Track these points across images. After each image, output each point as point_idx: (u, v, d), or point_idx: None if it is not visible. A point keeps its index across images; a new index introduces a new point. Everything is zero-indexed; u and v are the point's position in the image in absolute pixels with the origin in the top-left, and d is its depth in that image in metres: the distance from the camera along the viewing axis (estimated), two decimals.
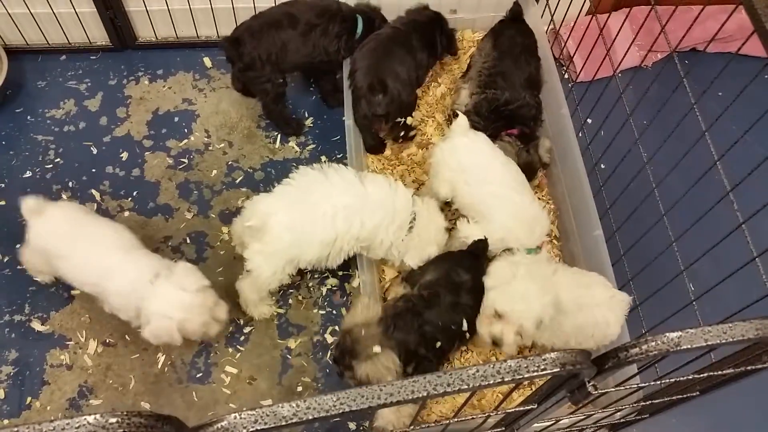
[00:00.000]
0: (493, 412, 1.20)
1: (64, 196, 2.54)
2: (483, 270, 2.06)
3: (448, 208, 2.44)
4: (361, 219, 2.05)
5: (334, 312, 2.37)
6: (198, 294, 1.95)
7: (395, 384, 0.88)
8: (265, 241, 2.02)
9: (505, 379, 0.91)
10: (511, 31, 2.56)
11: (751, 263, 1.57)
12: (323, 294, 2.41)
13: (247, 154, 2.71)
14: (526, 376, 0.90)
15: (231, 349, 2.27)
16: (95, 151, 2.68)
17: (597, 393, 1.10)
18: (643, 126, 2.09)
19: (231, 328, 2.31)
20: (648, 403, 1.62)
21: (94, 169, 2.63)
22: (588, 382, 1.07)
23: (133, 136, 2.73)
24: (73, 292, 2.35)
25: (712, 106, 1.84)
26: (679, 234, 1.88)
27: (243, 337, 2.30)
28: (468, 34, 2.93)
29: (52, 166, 2.63)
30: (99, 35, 2.90)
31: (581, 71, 2.76)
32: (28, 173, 2.60)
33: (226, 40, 2.43)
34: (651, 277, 2.00)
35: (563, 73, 2.98)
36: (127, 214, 2.53)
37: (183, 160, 2.67)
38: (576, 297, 1.97)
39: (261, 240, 2.02)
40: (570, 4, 2.72)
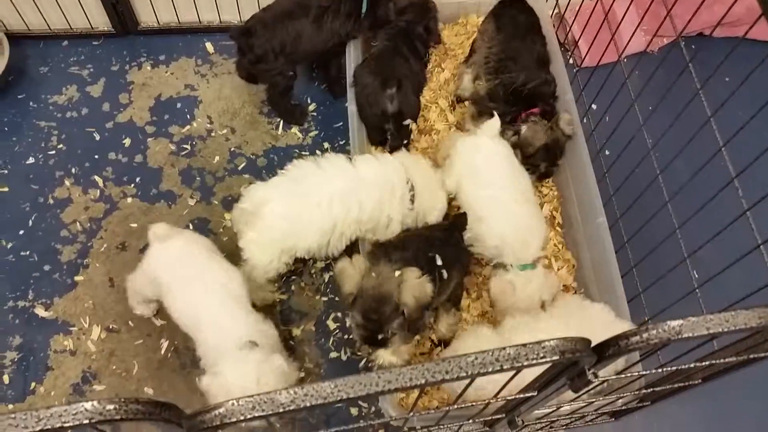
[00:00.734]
0: (493, 399, 1.20)
1: (67, 183, 2.55)
2: (459, 238, 2.13)
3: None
4: (359, 201, 2.04)
5: (336, 298, 2.37)
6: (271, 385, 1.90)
7: (393, 371, 0.88)
8: (259, 230, 2.02)
9: (504, 367, 0.90)
10: (513, 11, 2.53)
11: (756, 250, 1.56)
12: (326, 281, 2.41)
13: (249, 140, 2.70)
14: (525, 363, 0.90)
15: None
16: (98, 137, 2.67)
17: (597, 381, 1.09)
18: (648, 112, 2.07)
19: None
20: (650, 390, 1.62)
21: (96, 156, 2.62)
22: (588, 369, 1.07)
23: (135, 122, 2.72)
24: (76, 278, 2.36)
25: (720, 91, 1.81)
26: (683, 221, 1.87)
27: None
28: (473, 19, 2.90)
29: (54, 152, 2.62)
30: (101, 21, 2.88)
31: (586, 56, 2.73)
32: (31, 159, 2.60)
33: (236, 31, 2.40)
34: (654, 264, 1.99)
35: (568, 57, 2.96)
36: (129, 200, 2.53)
37: (185, 146, 2.67)
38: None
39: (255, 228, 2.02)
40: None
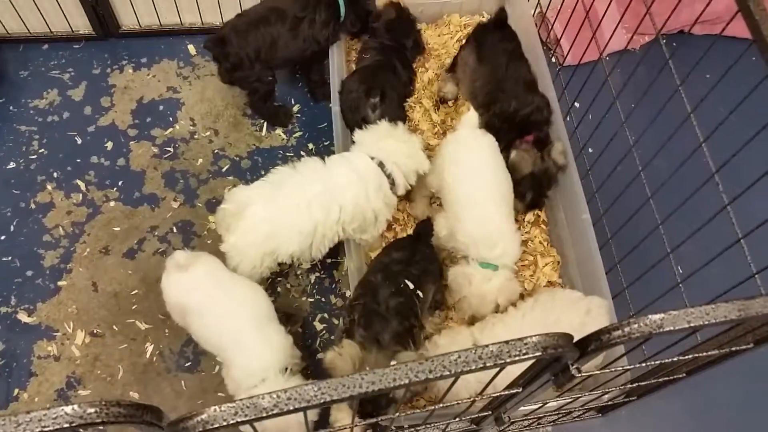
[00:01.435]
0: (478, 397, 1.20)
1: (49, 187, 2.52)
2: (426, 244, 2.11)
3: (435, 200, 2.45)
4: (339, 203, 2.04)
5: (323, 299, 2.37)
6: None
7: (377, 372, 0.87)
8: (241, 233, 2.00)
9: (487, 364, 0.90)
10: (494, 38, 2.46)
11: (737, 245, 1.57)
12: (312, 282, 2.40)
13: (233, 142, 2.68)
14: (507, 360, 0.90)
15: None
16: (79, 141, 2.65)
17: (580, 376, 1.10)
18: (630, 109, 2.08)
19: None
20: (635, 385, 1.63)
21: (78, 159, 2.60)
22: (571, 365, 1.07)
23: (117, 125, 2.70)
24: (59, 283, 2.34)
25: (701, 88, 1.83)
26: (666, 216, 1.88)
27: None
28: (455, 19, 2.90)
29: (36, 156, 2.60)
30: (81, 24, 2.86)
31: (568, 54, 2.75)
32: (12, 164, 2.57)
33: (211, 41, 2.38)
34: (638, 260, 2.00)
35: (550, 56, 2.97)
36: (112, 204, 2.51)
37: (168, 149, 2.65)
38: None
39: (236, 231, 2.00)
40: None
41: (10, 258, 2.38)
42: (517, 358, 0.90)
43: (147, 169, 2.60)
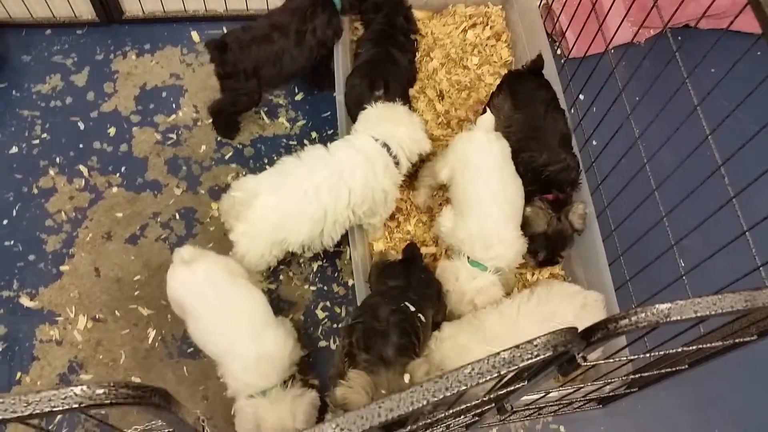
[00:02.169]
0: (485, 397, 1.21)
1: (52, 172, 2.52)
2: (419, 268, 2.07)
3: (442, 191, 2.45)
4: (348, 186, 2.04)
5: (325, 288, 2.37)
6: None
7: (393, 398, 0.85)
8: (250, 222, 2.01)
9: (502, 372, 0.90)
10: (530, 85, 2.35)
11: (741, 237, 1.57)
12: (314, 270, 2.40)
13: None
14: (521, 365, 0.90)
15: None
16: (82, 126, 2.64)
17: (586, 365, 1.10)
18: (634, 102, 2.08)
19: None
20: (637, 376, 1.64)
21: (81, 145, 2.60)
22: (577, 354, 1.07)
23: (120, 111, 2.69)
24: (61, 268, 2.34)
25: (706, 82, 1.84)
26: (670, 209, 1.89)
27: None
28: (461, 9, 2.89)
29: (38, 141, 2.59)
30: (85, 10, 2.84)
31: (573, 47, 2.74)
32: (15, 149, 2.56)
33: (212, 44, 2.34)
34: (641, 252, 2.00)
35: (555, 48, 2.96)
36: (115, 189, 2.50)
37: (171, 135, 2.64)
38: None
39: (246, 220, 2.00)
40: None
41: (12, 242, 2.38)
42: (529, 361, 0.90)
43: (150, 155, 2.59)
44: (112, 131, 2.63)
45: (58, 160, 2.55)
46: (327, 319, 2.32)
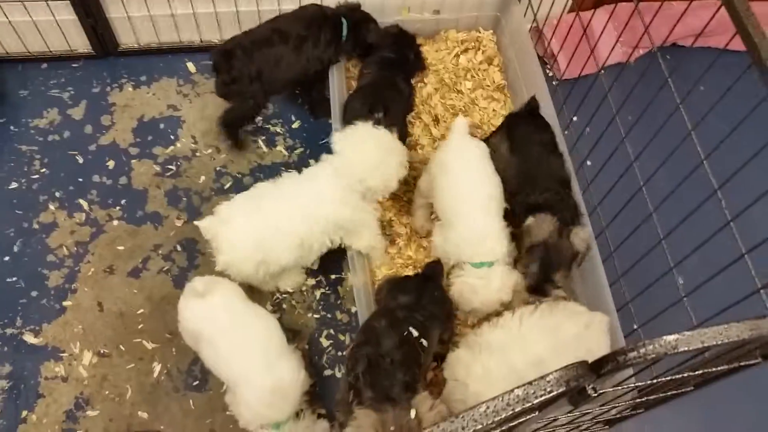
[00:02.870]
0: (497, 430, 1.22)
1: (52, 207, 2.52)
2: (436, 286, 2.09)
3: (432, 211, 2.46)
4: (324, 215, 2.09)
5: (328, 316, 2.38)
6: None
7: None
8: (228, 250, 2.06)
9: (516, 410, 0.92)
10: (528, 128, 2.33)
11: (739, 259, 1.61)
12: (317, 298, 2.41)
13: (234, 159, 2.70)
14: (535, 402, 0.92)
15: None
16: (81, 160, 2.65)
17: (596, 395, 1.12)
18: (627, 122, 2.12)
19: None
20: (643, 399, 1.66)
21: (80, 179, 2.61)
22: (588, 386, 1.09)
23: (119, 143, 2.70)
24: (64, 303, 2.34)
25: (694, 100, 1.88)
26: (667, 229, 1.92)
27: None
28: (452, 34, 2.94)
29: (38, 176, 2.60)
30: (80, 43, 2.87)
31: (566, 69, 2.79)
32: (14, 184, 2.57)
33: (217, 51, 2.40)
34: (641, 273, 2.03)
35: (547, 71, 3.01)
36: (116, 223, 2.51)
37: (170, 167, 2.66)
38: (551, 345, 1.92)
39: (224, 250, 2.06)
40: (553, 2, 2.73)
41: (15, 279, 2.37)
42: (543, 397, 0.92)
43: (149, 187, 2.61)
44: (111, 164, 2.65)
45: (57, 194, 2.56)
46: (331, 347, 2.33)
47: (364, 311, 2.14)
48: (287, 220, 2.06)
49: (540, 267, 2.09)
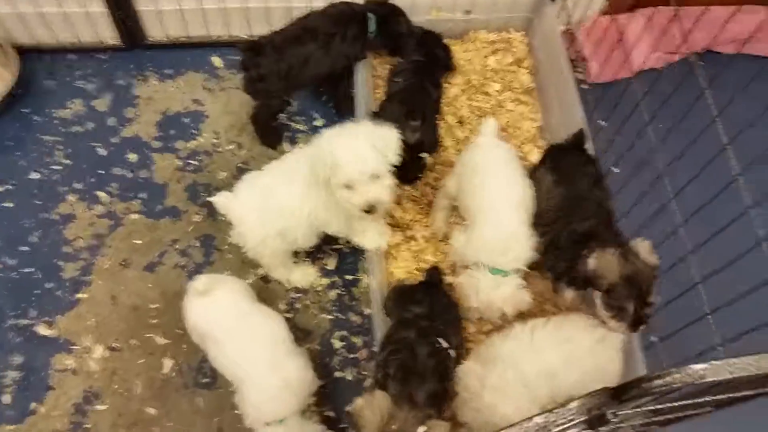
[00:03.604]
0: None
1: (71, 198, 2.52)
2: (441, 292, 2.05)
3: (456, 213, 2.41)
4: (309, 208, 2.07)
5: (342, 317, 2.34)
6: None
7: None
8: (237, 223, 2.10)
9: None
10: (573, 159, 2.21)
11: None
12: (331, 298, 2.37)
13: (256, 155, 2.67)
14: (554, 430, 0.87)
15: None
16: (103, 152, 2.65)
17: (616, 420, 1.06)
18: (658, 130, 2.05)
19: None
20: (662, 418, 1.58)
21: (101, 171, 2.60)
22: (608, 411, 1.03)
23: (141, 137, 2.70)
24: (78, 296, 2.33)
25: (728, 108, 1.81)
26: (695, 245, 1.84)
27: None
28: (482, 35, 2.87)
29: (59, 167, 2.60)
30: (109, 34, 2.86)
31: (597, 74, 2.71)
32: (35, 174, 2.57)
33: (246, 45, 2.37)
34: (663, 284, 1.93)
35: (576, 75, 2.92)
36: (134, 216, 2.50)
37: (192, 161, 2.64)
38: (564, 356, 1.87)
39: (234, 223, 2.10)
40: (588, 4, 2.65)
41: (31, 270, 2.37)
42: (563, 426, 0.87)
43: (170, 181, 2.59)
44: (133, 157, 2.64)
45: (78, 186, 2.56)
46: (344, 349, 2.29)
47: (379, 313, 2.10)
48: (289, 194, 2.06)
49: (636, 303, 1.85)
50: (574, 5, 2.62)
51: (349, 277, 2.41)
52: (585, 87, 2.87)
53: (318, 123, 2.76)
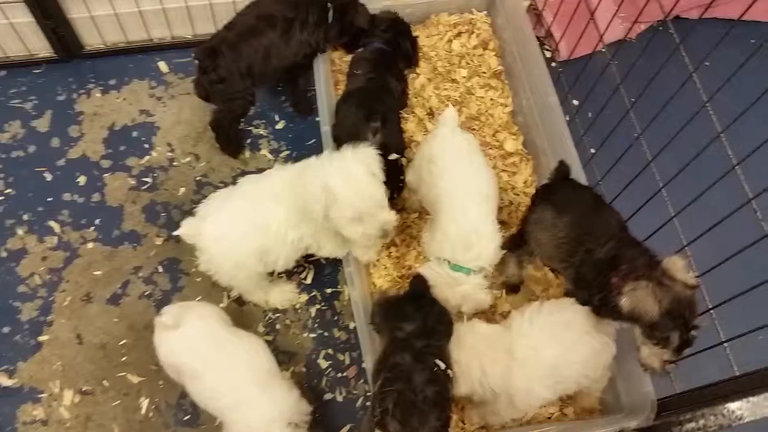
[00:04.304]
0: None
1: (20, 231, 2.33)
2: (430, 301, 1.89)
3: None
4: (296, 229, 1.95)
5: (325, 334, 2.22)
6: None
7: None
8: (205, 249, 1.96)
9: None
10: (567, 190, 2.07)
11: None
12: (312, 315, 2.25)
13: (216, 166, 2.51)
14: None
15: None
16: (49, 177, 2.46)
17: None
18: (630, 102, 2.02)
19: None
20: None
21: (50, 198, 2.41)
22: None
23: (89, 156, 2.51)
24: (40, 338, 2.16)
25: (699, 75, 1.83)
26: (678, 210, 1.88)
27: None
28: (444, 18, 2.74)
29: (3, 198, 2.40)
30: (40, 46, 2.65)
31: (568, 50, 2.60)
32: None
33: (201, 51, 2.18)
34: None
35: (543, 52, 2.81)
36: (90, 245, 2.33)
37: (146, 179, 2.47)
38: (566, 348, 1.82)
39: (202, 252, 1.97)
40: None
41: None
42: None
43: (125, 203, 2.42)
44: (82, 180, 2.45)
45: (25, 217, 2.37)
46: (330, 368, 2.18)
47: (363, 327, 1.98)
48: (267, 214, 1.93)
49: (679, 331, 1.68)
50: None
51: (328, 290, 2.29)
52: (555, 65, 2.77)
53: (279, 126, 2.61)
